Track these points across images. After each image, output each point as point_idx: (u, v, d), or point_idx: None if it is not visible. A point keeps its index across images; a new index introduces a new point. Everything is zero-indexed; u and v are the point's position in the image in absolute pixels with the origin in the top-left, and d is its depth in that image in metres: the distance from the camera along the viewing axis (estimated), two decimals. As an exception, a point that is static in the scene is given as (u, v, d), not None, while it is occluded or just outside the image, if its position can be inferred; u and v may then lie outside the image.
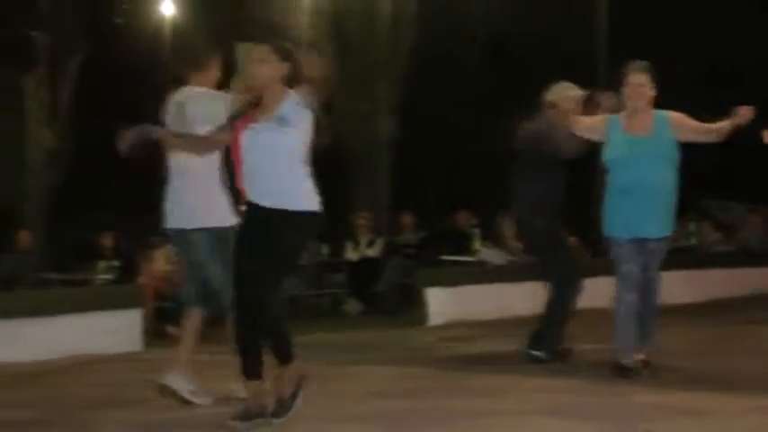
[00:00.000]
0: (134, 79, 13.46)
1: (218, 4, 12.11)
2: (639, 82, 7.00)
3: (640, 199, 6.92)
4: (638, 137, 7.01)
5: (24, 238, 13.08)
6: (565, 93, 7.94)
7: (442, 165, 20.80)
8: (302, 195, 5.55)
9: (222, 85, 6.29)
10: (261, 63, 5.49)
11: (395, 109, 16.87)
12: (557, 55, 16.64)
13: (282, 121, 5.41)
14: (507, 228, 13.19)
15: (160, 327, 11.87)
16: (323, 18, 14.67)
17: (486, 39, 19.07)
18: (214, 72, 6.45)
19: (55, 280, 12.85)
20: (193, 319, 6.65)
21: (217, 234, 6.34)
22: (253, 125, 5.46)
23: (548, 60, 16.04)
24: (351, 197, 16.76)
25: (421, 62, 16.89)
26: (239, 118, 5.53)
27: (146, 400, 6.83)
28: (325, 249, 14.88)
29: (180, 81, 6.29)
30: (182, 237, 6.54)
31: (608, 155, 7.11)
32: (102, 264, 13.19)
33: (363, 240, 14.31)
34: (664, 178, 7.01)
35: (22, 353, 9.14)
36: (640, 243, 7.01)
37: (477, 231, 14.02)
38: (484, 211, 13.94)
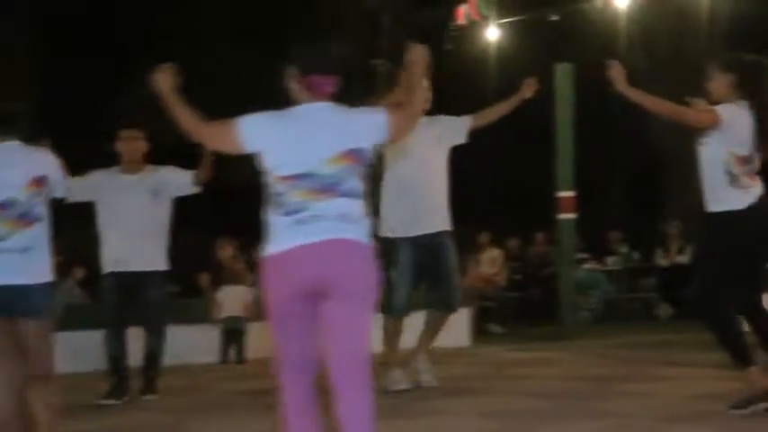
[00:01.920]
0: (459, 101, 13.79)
1: (539, 29, 12.16)
2: None
3: None
4: None
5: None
6: None
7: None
8: None
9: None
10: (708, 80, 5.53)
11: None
12: None
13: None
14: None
15: (484, 325, 12.12)
16: (635, 32, 14.38)
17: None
18: None
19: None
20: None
21: None
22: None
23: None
24: (662, 204, 16.36)
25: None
26: None
27: (477, 390, 7.01)
28: (636, 255, 14.63)
29: None
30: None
31: None
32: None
33: (674, 247, 13.94)
34: None
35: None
36: None
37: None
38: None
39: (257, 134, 3.74)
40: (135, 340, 7.25)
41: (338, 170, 3.70)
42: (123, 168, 7.09)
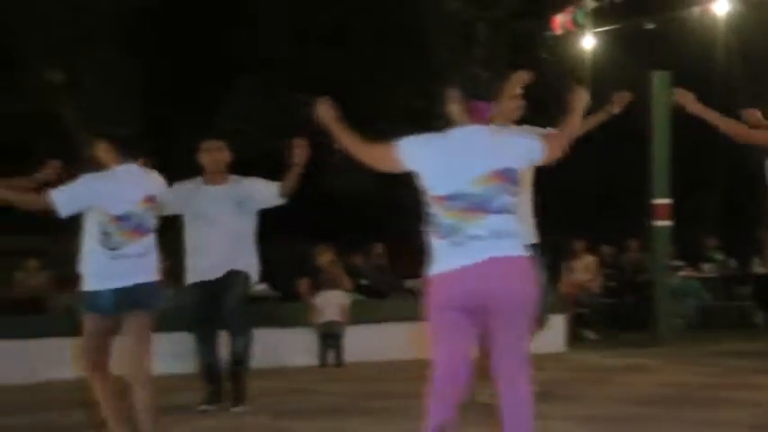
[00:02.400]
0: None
1: (636, 38, 12.09)
2: None
3: None
4: None
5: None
6: None
7: None
8: None
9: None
10: None
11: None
12: None
13: None
14: None
15: (578, 331, 12.02)
16: (733, 40, 14.10)
17: None
18: None
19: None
20: None
21: None
22: None
23: None
24: (759, 211, 15.97)
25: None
26: None
27: (571, 395, 6.97)
28: (732, 262, 14.35)
29: None
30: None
31: None
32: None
33: (771, 255, 13.63)
34: None
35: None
36: None
37: None
38: None
39: (415, 155, 3.90)
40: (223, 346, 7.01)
41: (487, 189, 3.81)
42: (207, 179, 6.85)
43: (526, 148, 3.98)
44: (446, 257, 3.80)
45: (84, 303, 5.08)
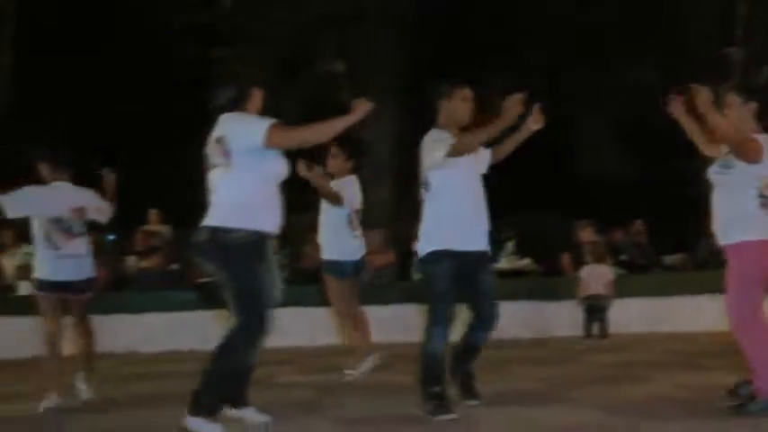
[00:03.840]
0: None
1: None
2: None
3: None
4: None
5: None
6: None
7: None
8: None
9: None
10: None
11: None
12: None
13: None
14: None
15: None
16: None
17: None
18: None
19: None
20: None
21: None
22: None
23: None
24: None
25: None
26: None
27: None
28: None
29: None
30: None
31: None
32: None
33: None
34: None
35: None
36: None
37: None
38: None
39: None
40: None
41: None
42: (453, 131, 5.42)
43: None
44: None
45: (326, 270, 7.05)
